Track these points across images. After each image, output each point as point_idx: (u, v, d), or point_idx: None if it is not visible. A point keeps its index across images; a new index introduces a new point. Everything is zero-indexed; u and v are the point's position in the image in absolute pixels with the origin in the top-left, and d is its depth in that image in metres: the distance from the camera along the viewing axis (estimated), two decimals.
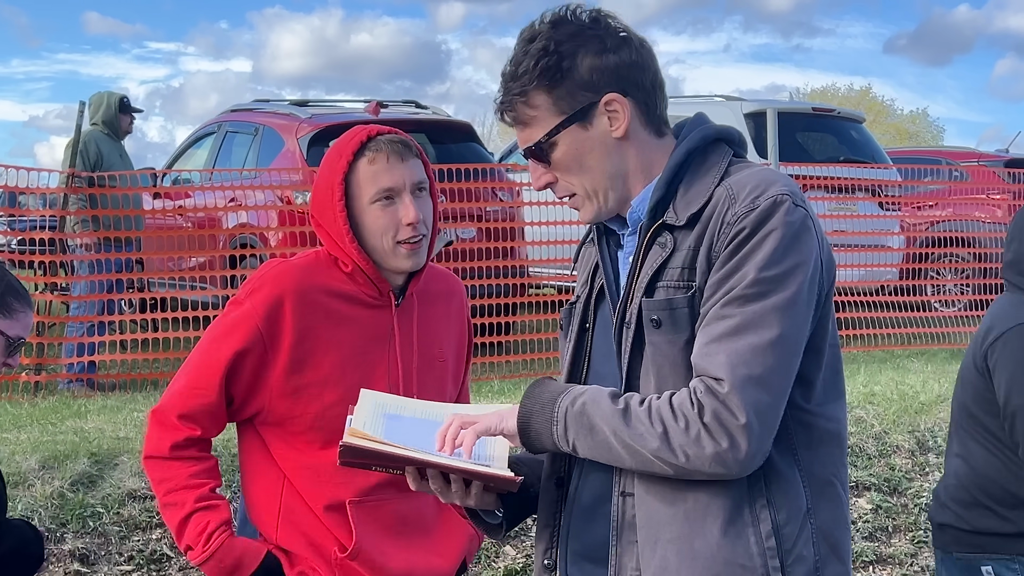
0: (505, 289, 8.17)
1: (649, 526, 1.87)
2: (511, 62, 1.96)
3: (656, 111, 1.97)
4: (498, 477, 1.95)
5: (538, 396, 1.93)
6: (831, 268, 1.92)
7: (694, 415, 1.78)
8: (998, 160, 12.40)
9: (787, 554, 1.83)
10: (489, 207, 8.49)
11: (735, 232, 1.82)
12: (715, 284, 1.82)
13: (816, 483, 1.90)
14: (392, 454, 1.96)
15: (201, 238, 8.41)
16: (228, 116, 10.14)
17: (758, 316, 1.78)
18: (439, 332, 2.63)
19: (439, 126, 9.44)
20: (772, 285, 1.79)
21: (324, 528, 2.49)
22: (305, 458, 2.47)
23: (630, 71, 1.93)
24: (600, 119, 1.93)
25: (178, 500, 2.45)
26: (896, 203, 10.47)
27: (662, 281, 1.88)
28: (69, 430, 5.69)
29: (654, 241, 1.91)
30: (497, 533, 2.14)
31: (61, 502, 4.79)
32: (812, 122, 11.18)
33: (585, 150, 1.94)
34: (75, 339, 7.65)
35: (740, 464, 1.78)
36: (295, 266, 2.52)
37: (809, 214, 1.86)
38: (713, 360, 1.79)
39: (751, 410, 1.76)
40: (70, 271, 8.17)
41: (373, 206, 2.46)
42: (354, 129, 2.52)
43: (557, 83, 1.92)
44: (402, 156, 2.47)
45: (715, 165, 1.93)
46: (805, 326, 1.84)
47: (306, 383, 2.46)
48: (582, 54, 1.91)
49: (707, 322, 1.82)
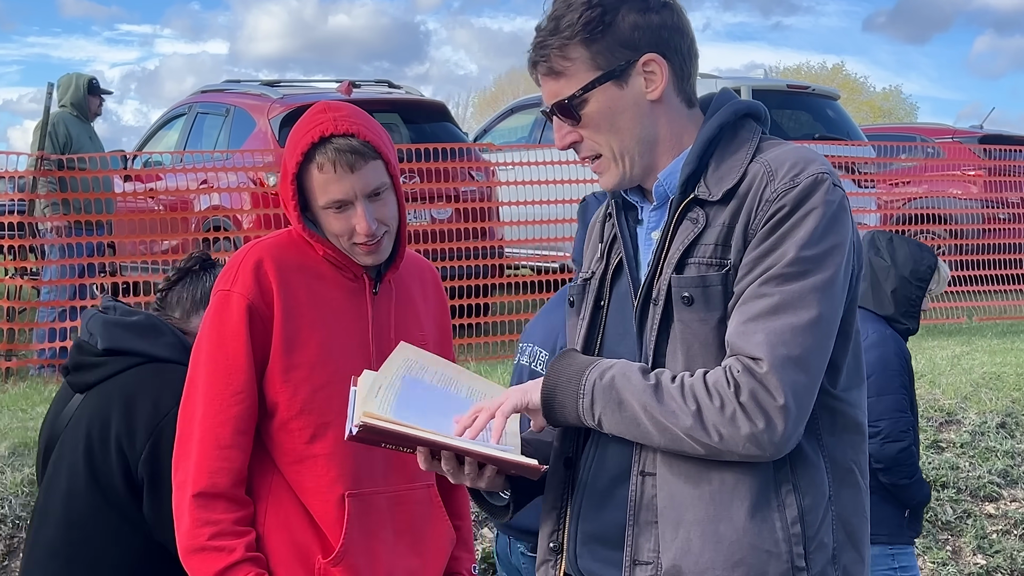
0: (481, 270, 8.12)
1: (672, 507, 1.83)
2: (550, 16, 1.90)
3: (689, 79, 1.94)
4: (521, 464, 1.91)
5: (564, 369, 1.89)
6: (860, 252, 1.89)
7: (730, 394, 1.74)
8: (972, 136, 12.42)
9: (810, 540, 1.81)
10: (464, 187, 8.43)
11: (775, 210, 1.78)
12: (752, 262, 1.79)
13: (838, 470, 1.87)
14: (411, 436, 1.91)
15: (173, 221, 8.32)
16: (199, 97, 10.03)
17: (797, 296, 1.75)
18: (418, 314, 2.57)
19: (412, 106, 9.37)
20: (811, 265, 1.76)
21: (312, 527, 2.39)
22: (298, 449, 2.38)
23: (671, 34, 1.89)
24: (636, 79, 1.89)
25: (226, 546, 2.31)
26: (871, 180, 10.47)
27: (693, 257, 1.84)
28: (40, 416, 5.61)
29: (685, 216, 1.86)
30: (503, 515, 2.09)
31: (31, 489, 4.72)
32: (787, 99, 11.15)
33: (618, 109, 1.89)
34: (46, 324, 7.56)
35: (775, 446, 1.75)
36: (271, 244, 2.43)
37: (845, 195, 1.83)
38: (751, 339, 1.75)
39: (789, 391, 1.73)
40: (40, 256, 8.07)
41: (327, 211, 2.37)
42: (307, 119, 2.37)
43: (597, 37, 1.87)
44: (352, 166, 2.32)
45: (747, 141, 1.90)
46: (840, 308, 1.82)
47: (296, 363, 2.37)
48: (625, 10, 1.87)
49: (744, 300, 1.78)
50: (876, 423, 3.85)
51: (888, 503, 3.88)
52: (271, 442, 2.40)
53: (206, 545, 2.30)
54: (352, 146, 2.32)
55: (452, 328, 2.75)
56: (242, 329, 2.34)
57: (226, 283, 2.38)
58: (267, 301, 2.35)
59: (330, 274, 2.44)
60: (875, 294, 4.06)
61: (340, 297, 2.44)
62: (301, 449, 2.38)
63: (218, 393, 2.34)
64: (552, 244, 8.49)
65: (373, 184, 2.35)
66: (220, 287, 2.39)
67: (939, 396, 6.51)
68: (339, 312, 2.43)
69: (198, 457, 2.33)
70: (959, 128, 13.35)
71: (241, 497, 2.35)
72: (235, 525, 2.32)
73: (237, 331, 2.34)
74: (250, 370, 2.35)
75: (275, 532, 2.38)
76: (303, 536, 2.39)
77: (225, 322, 2.36)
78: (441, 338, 2.64)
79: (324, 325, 2.40)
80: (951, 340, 8.12)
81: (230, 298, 2.36)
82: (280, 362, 2.36)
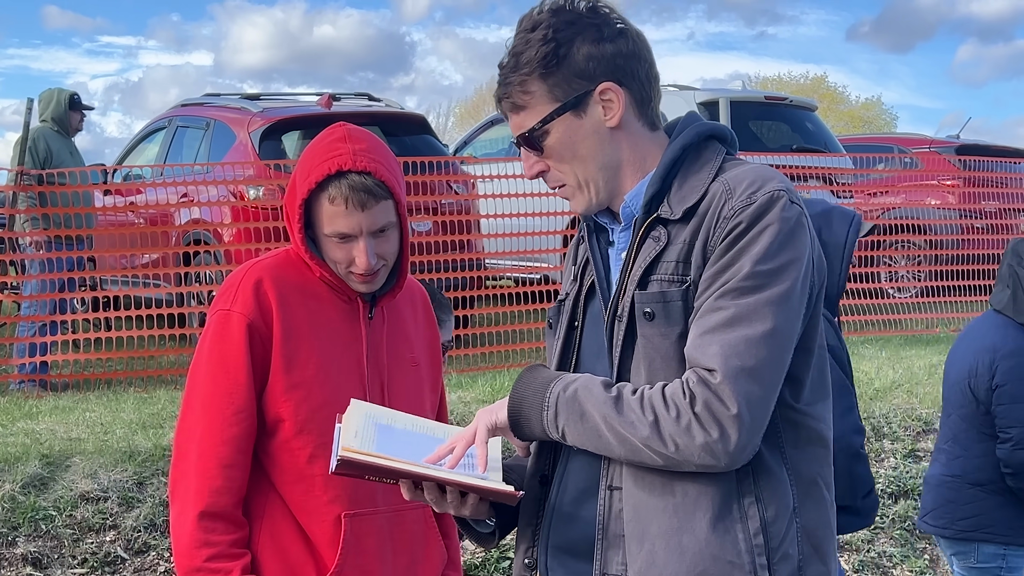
0: (462, 282, 8.14)
1: (637, 520, 1.86)
2: (511, 52, 1.95)
3: (650, 104, 1.97)
4: (498, 492, 1.94)
5: (530, 382, 1.93)
6: (821, 268, 1.92)
7: (685, 404, 1.77)
8: (949, 146, 12.52)
9: (774, 552, 1.83)
10: (444, 200, 8.46)
11: (732, 226, 1.82)
12: (710, 277, 1.83)
13: (802, 482, 1.89)
14: (392, 468, 1.94)
15: (153, 235, 8.32)
16: (179, 111, 10.03)
17: (752, 309, 1.79)
18: (409, 336, 2.58)
19: (392, 118, 9.39)
20: (767, 279, 1.80)
21: (307, 546, 2.40)
22: (298, 468, 2.39)
23: (627, 61, 1.93)
24: (595, 108, 1.93)
25: (222, 568, 2.32)
26: (849, 190, 10.55)
27: (656, 274, 1.88)
28: (20, 431, 5.61)
29: (648, 235, 1.91)
30: (489, 542, 2.13)
31: (12, 505, 4.72)
32: (765, 111, 11.23)
33: (578, 139, 1.94)
34: (26, 339, 7.55)
35: (730, 455, 1.77)
36: (270, 264, 2.44)
37: (804, 211, 1.87)
38: (706, 351, 1.78)
39: (742, 401, 1.76)
40: (20, 270, 8.05)
41: (329, 238, 2.38)
42: (326, 146, 2.37)
43: (553, 70, 1.91)
44: (363, 205, 2.32)
45: (709, 161, 1.94)
46: (797, 322, 1.84)
47: (296, 382, 2.37)
48: (579, 42, 1.91)
49: (701, 314, 1.82)
50: (1007, 429, 3.93)
51: (1010, 506, 3.99)
52: (269, 461, 2.41)
53: (202, 567, 2.30)
54: (366, 185, 2.33)
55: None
56: (243, 348, 2.34)
57: (225, 303, 2.39)
58: (267, 320, 2.36)
59: (326, 295, 2.45)
60: (1015, 302, 4.04)
61: (336, 318, 2.45)
62: (300, 468, 2.39)
63: (219, 412, 2.35)
64: (533, 256, 8.52)
65: (380, 223, 2.37)
66: (219, 307, 2.40)
67: (916, 405, 6.57)
68: (335, 333, 2.44)
69: (200, 476, 2.33)
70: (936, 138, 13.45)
71: (239, 518, 2.36)
72: (231, 547, 2.33)
73: (238, 350, 2.35)
74: (251, 389, 2.36)
75: (270, 552, 2.39)
76: (298, 556, 2.40)
77: (226, 341, 2.36)
78: (432, 359, 2.66)
79: (322, 345, 2.41)
80: (928, 349, 8.18)
81: (230, 317, 2.36)
82: (280, 381, 2.37)
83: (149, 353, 7.56)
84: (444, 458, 1.96)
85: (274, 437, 2.40)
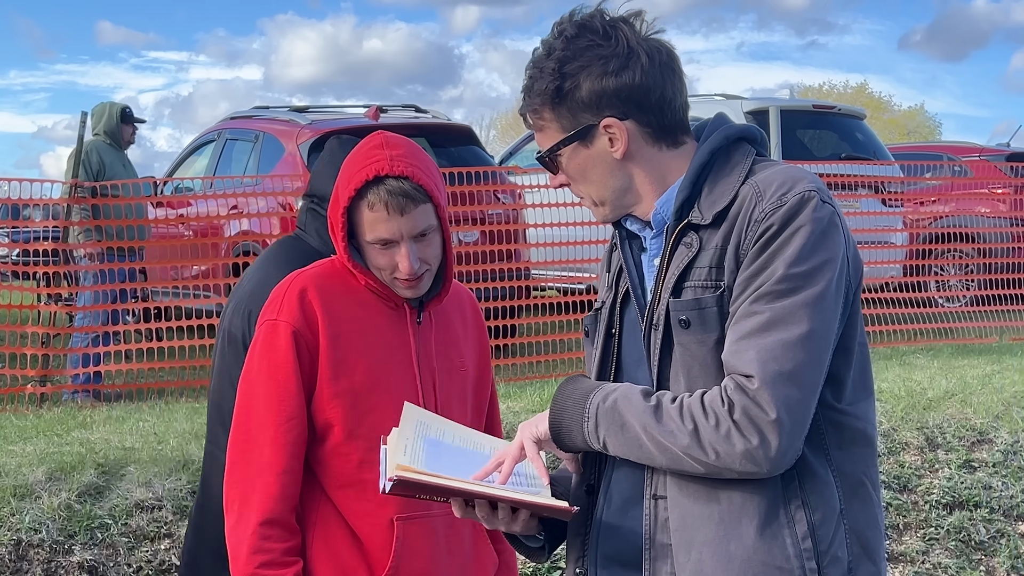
0: (508, 292, 8.15)
1: (683, 529, 1.86)
2: (527, 77, 1.99)
3: (666, 126, 1.97)
4: (552, 507, 1.94)
5: (570, 393, 1.94)
6: (858, 266, 1.91)
7: (724, 412, 1.77)
8: (1000, 154, 12.37)
9: (823, 555, 1.82)
10: (491, 210, 8.47)
11: (763, 229, 1.82)
12: (744, 281, 1.82)
13: (848, 483, 1.88)
14: (445, 486, 1.95)
15: (204, 246, 8.40)
16: (228, 124, 10.13)
17: (787, 312, 1.78)
18: (458, 341, 2.59)
19: (439, 130, 9.43)
20: (801, 281, 1.79)
21: (360, 551, 2.41)
22: (349, 472, 2.41)
23: (631, 93, 1.93)
24: (600, 139, 1.95)
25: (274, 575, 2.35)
26: (898, 199, 10.45)
27: (689, 281, 1.88)
28: (75, 441, 5.68)
29: (680, 241, 1.91)
30: (540, 556, 2.13)
31: (68, 514, 4.77)
32: (813, 119, 11.16)
33: (588, 166, 1.98)
34: (80, 350, 7.64)
35: (771, 461, 1.77)
36: (314, 273, 2.47)
37: (836, 211, 1.86)
38: (743, 357, 1.78)
39: (781, 406, 1.75)
40: (74, 282, 8.16)
41: (372, 245, 2.41)
42: (364, 154, 2.40)
43: (559, 104, 1.95)
44: (403, 209, 2.35)
45: (739, 164, 1.93)
46: (834, 322, 1.84)
47: (344, 388, 2.40)
48: (583, 76, 1.93)
49: (736, 319, 1.81)
50: None
51: None
52: (320, 466, 2.43)
53: (255, 573, 2.33)
54: (404, 189, 2.35)
55: None
56: (290, 357, 2.38)
57: (272, 313, 2.43)
58: (312, 329, 2.39)
59: (372, 302, 2.47)
60: None
61: (384, 324, 2.47)
62: (351, 473, 2.41)
63: (272, 420, 2.38)
64: (578, 265, 8.51)
65: (420, 227, 2.39)
66: (266, 317, 2.43)
67: (971, 415, 6.48)
68: (383, 339, 2.46)
69: (256, 484, 2.36)
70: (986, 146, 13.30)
71: (293, 525, 2.39)
72: (285, 555, 2.35)
73: (286, 359, 2.38)
74: (300, 396, 2.38)
75: (323, 558, 2.41)
76: (350, 561, 2.41)
77: (274, 351, 2.39)
78: (480, 364, 2.67)
79: (370, 351, 2.43)
80: (981, 359, 8.08)
81: (277, 327, 2.40)
82: (328, 387, 2.39)
83: (200, 363, 7.62)
84: (491, 474, 1.97)
85: (324, 443, 2.42)
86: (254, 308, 2.67)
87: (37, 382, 7.43)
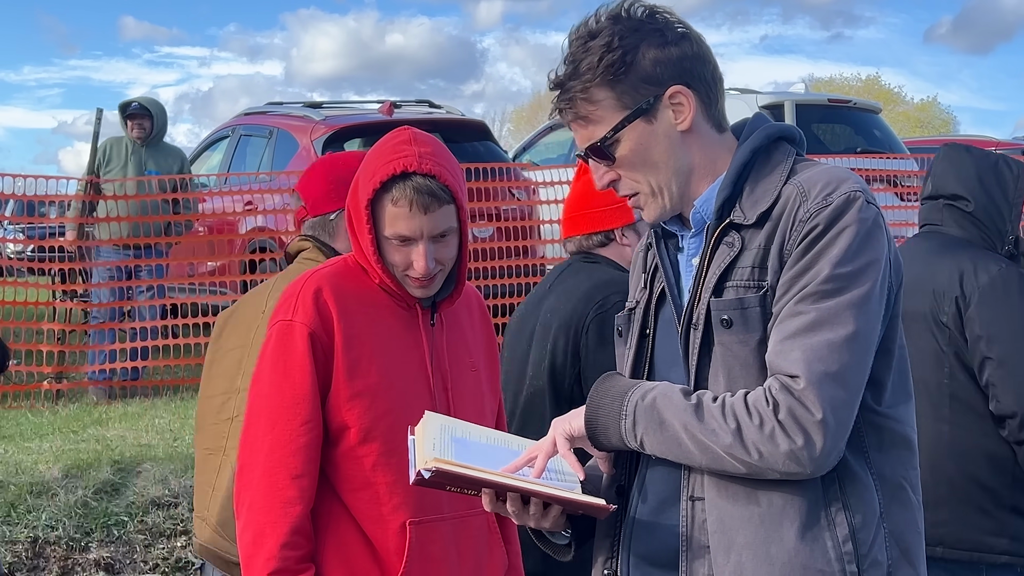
0: (523, 288, 8.14)
1: (722, 531, 1.84)
2: (569, 61, 1.92)
3: (717, 105, 1.95)
4: (588, 504, 1.92)
5: (606, 391, 1.92)
6: (899, 268, 1.90)
7: (769, 412, 1.75)
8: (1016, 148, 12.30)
9: (863, 559, 1.81)
10: (505, 206, 8.46)
11: (808, 229, 1.80)
12: (788, 281, 1.80)
13: (888, 486, 1.87)
14: (480, 479, 1.93)
15: (219, 243, 8.41)
16: (242, 119, 10.14)
17: (833, 312, 1.76)
18: (467, 342, 2.58)
19: (454, 125, 9.41)
20: (847, 281, 1.77)
21: (372, 555, 2.39)
22: (362, 476, 2.38)
23: (693, 63, 1.91)
24: (664, 112, 1.90)
25: None
26: (914, 193, 10.40)
27: (731, 281, 1.86)
28: (91, 438, 5.70)
29: (721, 240, 1.89)
30: (565, 554, 2.10)
31: (85, 511, 4.79)
32: (828, 113, 11.11)
33: (651, 145, 1.91)
34: (95, 346, 7.67)
35: (815, 462, 1.75)
36: (328, 273, 2.44)
37: (880, 212, 1.84)
38: (788, 357, 1.76)
39: (827, 406, 1.74)
40: (89, 278, 8.18)
41: (389, 240, 2.38)
42: (391, 147, 2.36)
43: (620, 78, 1.89)
44: (426, 208, 2.32)
45: (780, 163, 1.91)
46: (878, 324, 1.82)
47: (359, 391, 2.37)
48: (644, 47, 1.89)
49: (781, 320, 1.80)
50: None
51: None
52: (332, 470, 2.41)
53: None
54: (430, 188, 2.32)
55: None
56: (306, 358, 2.34)
57: (286, 313, 2.39)
58: (328, 329, 2.36)
59: (386, 302, 2.45)
60: None
61: (396, 325, 2.45)
62: (365, 476, 2.38)
63: (287, 423, 2.34)
64: None
65: (441, 227, 2.36)
66: (280, 317, 2.40)
67: None
68: (397, 340, 2.44)
69: (271, 488, 2.33)
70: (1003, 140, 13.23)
71: (308, 530, 2.35)
72: (298, 563, 2.32)
73: (302, 361, 2.35)
74: (315, 399, 2.35)
75: (335, 561, 2.39)
76: (363, 565, 2.39)
77: (289, 352, 2.36)
78: (490, 364, 2.65)
79: (384, 352, 2.41)
80: None
81: (292, 328, 2.36)
82: (343, 390, 2.36)
83: None
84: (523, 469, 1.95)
85: (338, 446, 2.39)
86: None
87: (53, 379, 7.46)
